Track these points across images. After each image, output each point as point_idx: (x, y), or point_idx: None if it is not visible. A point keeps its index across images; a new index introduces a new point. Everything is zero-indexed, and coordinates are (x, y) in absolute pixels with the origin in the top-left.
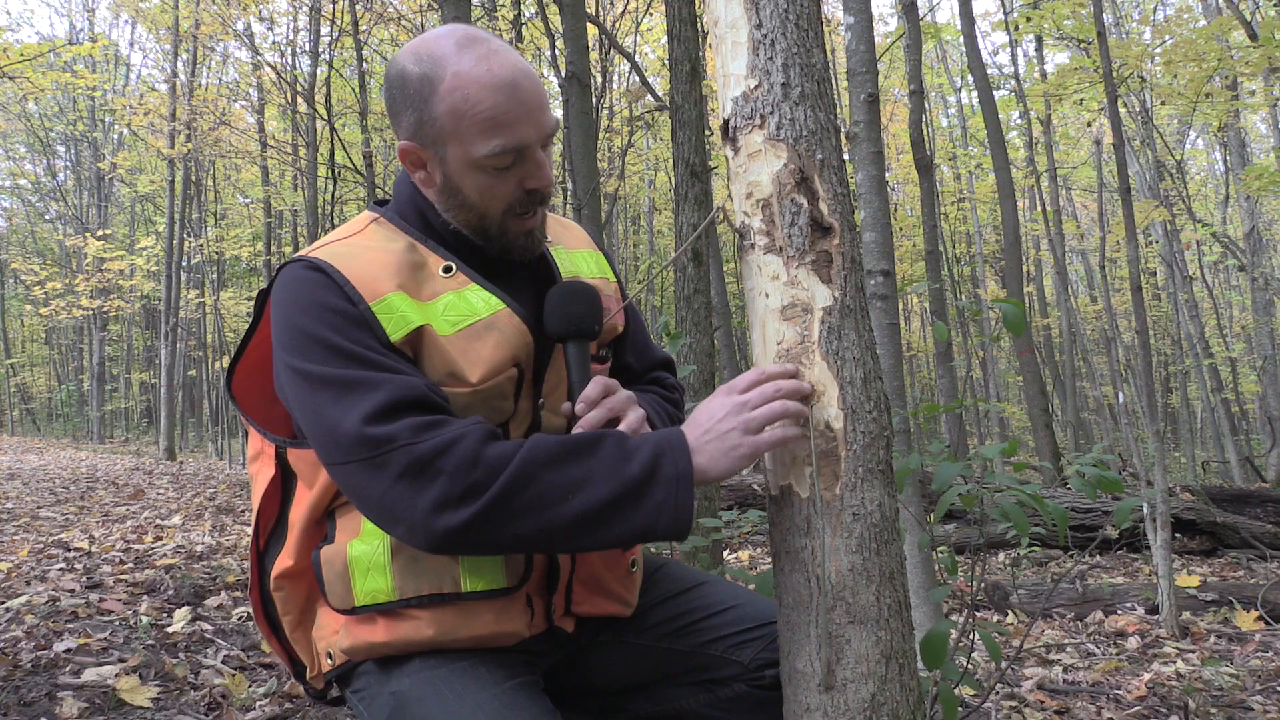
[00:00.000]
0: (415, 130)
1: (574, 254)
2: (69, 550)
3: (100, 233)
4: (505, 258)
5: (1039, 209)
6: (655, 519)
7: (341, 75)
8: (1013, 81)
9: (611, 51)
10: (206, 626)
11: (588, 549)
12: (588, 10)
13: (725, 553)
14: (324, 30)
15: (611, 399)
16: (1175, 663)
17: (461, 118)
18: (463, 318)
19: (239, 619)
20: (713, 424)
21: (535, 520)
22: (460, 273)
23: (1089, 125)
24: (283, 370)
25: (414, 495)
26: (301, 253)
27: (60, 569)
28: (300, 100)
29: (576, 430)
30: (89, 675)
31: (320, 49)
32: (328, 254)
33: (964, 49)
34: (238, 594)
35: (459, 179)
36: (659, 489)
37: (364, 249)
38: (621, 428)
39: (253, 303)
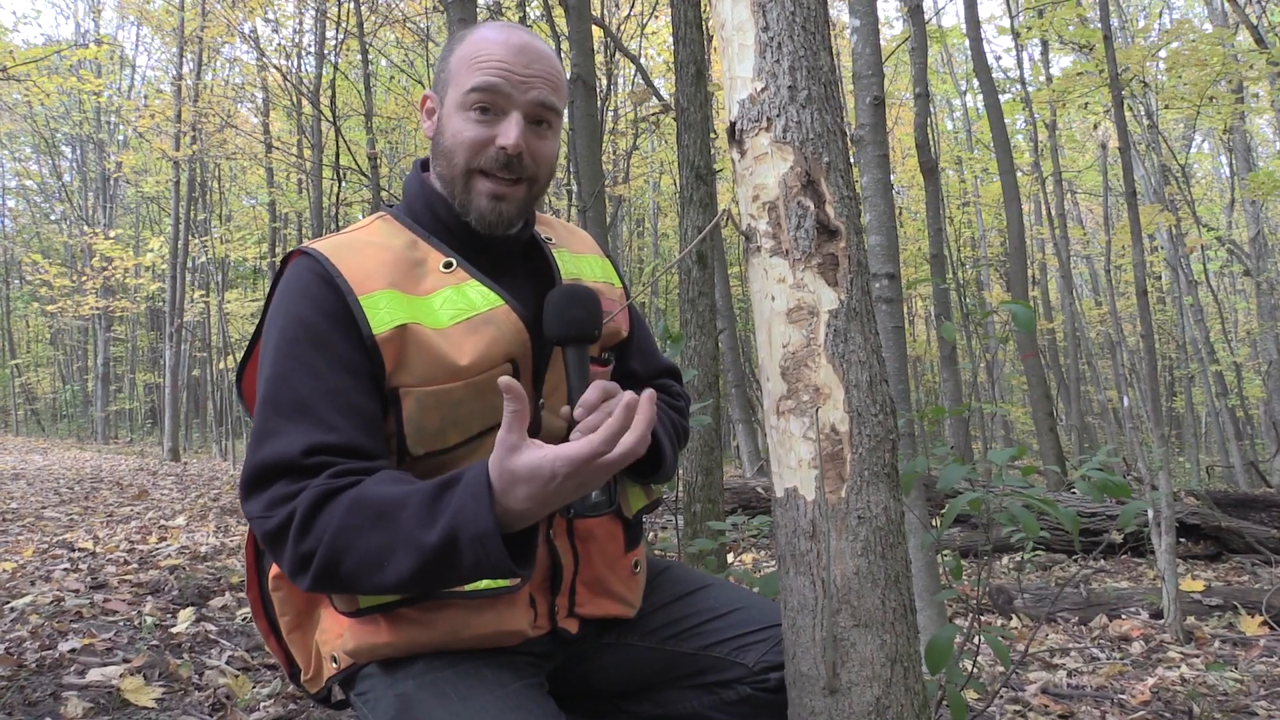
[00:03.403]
0: (436, 79)
1: (579, 258)
2: (73, 550)
3: (112, 234)
4: (464, 217)
5: (1044, 213)
6: (478, 573)
7: (347, 77)
8: (1018, 85)
9: (617, 54)
10: (211, 627)
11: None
12: (593, 13)
13: (730, 556)
14: (329, 32)
15: (610, 403)
16: (1180, 667)
17: (466, 61)
18: (460, 311)
19: (243, 620)
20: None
21: (366, 583)
22: (460, 269)
23: (1095, 128)
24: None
25: (277, 560)
26: (308, 244)
27: (65, 569)
28: (305, 102)
29: (574, 435)
30: (93, 675)
31: (325, 51)
32: (327, 246)
33: (969, 53)
34: (242, 595)
35: (445, 121)
36: (466, 551)
37: (363, 244)
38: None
39: (257, 304)
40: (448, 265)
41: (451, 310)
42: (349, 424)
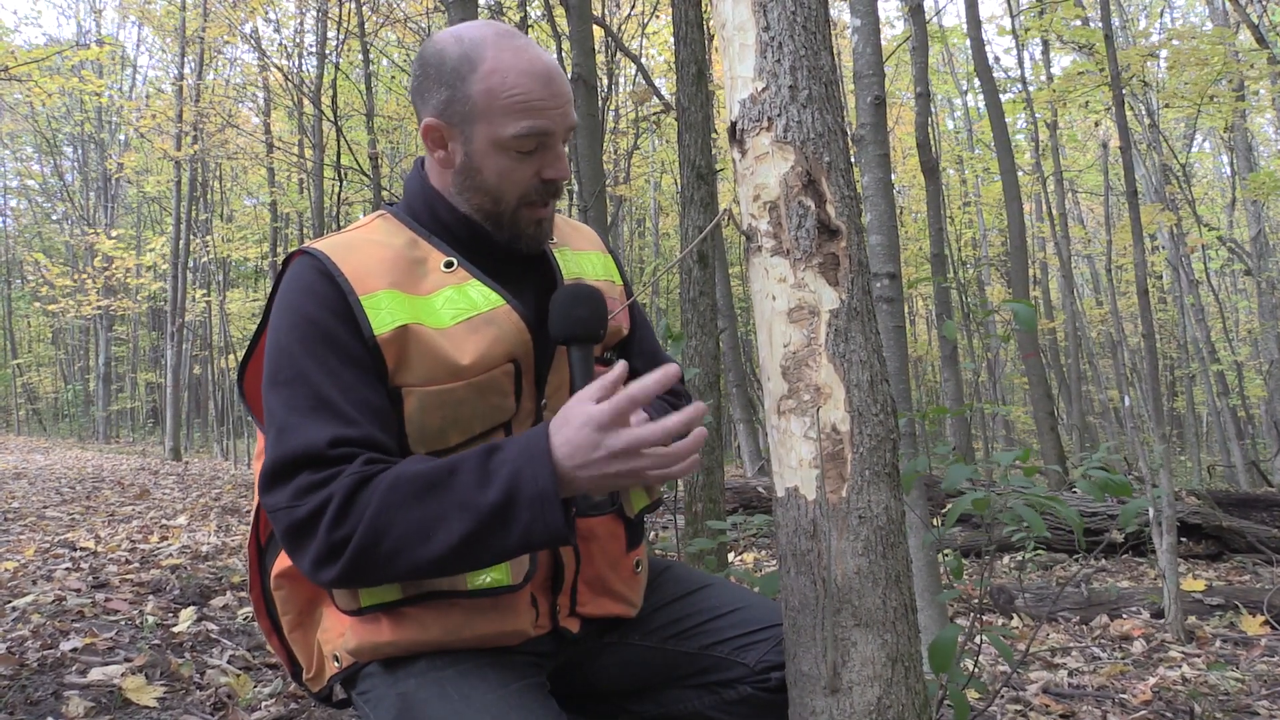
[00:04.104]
0: (444, 108)
1: (581, 255)
2: (75, 550)
3: (115, 233)
4: (513, 246)
5: (1045, 212)
6: (528, 537)
7: (348, 77)
8: (1019, 85)
9: (618, 54)
10: (212, 626)
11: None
12: (594, 13)
13: (731, 555)
14: (330, 32)
15: None
16: (1181, 667)
17: (496, 97)
18: (461, 311)
19: (244, 619)
20: (592, 458)
21: (404, 561)
22: (461, 269)
23: (1096, 125)
24: (264, 372)
25: (298, 553)
26: (309, 244)
27: (66, 568)
28: (306, 102)
29: None
30: (95, 674)
31: (327, 51)
32: (328, 245)
33: (970, 52)
34: (243, 594)
35: (480, 160)
36: (523, 511)
37: (364, 243)
38: None
39: (259, 303)
40: (449, 265)
41: (453, 310)
42: (366, 419)
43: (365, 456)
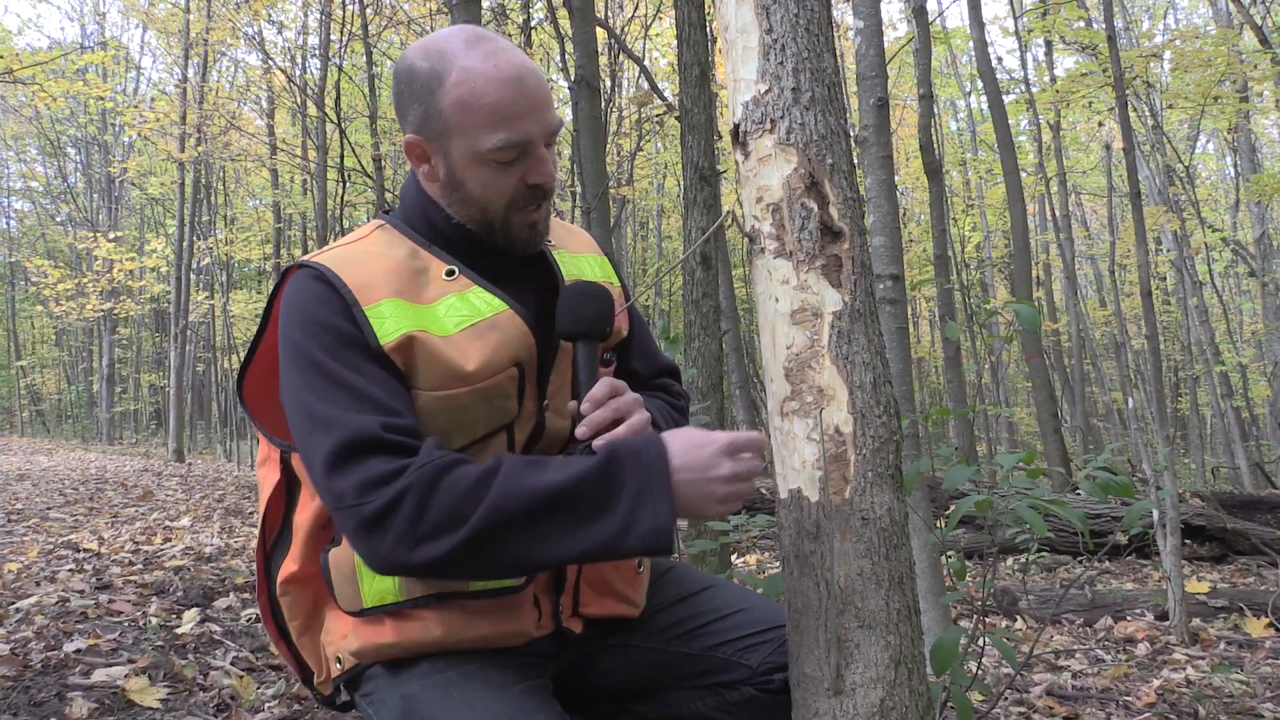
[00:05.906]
0: (421, 124)
1: (578, 258)
2: (78, 551)
3: (112, 235)
4: (509, 251)
5: (1049, 214)
6: (634, 554)
7: (351, 79)
8: (1022, 86)
9: (621, 56)
10: (215, 628)
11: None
12: (597, 15)
13: (733, 557)
14: (334, 34)
15: (617, 400)
16: (1185, 669)
17: (467, 110)
18: (465, 318)
19: (248, 620)
20: (704, 482)
21: (500, 564)
22: (463, 276)
23: (1100, 126)
24: (282, 382)
25: (368, 548)
26: (307, 257)
27: (70, 570)
28: (310, 104)
29: (581, 429)
30: (98, 676)
31: (330, 53)
32: (329, 259)
33: (973, 54)
34: (246, 595)
35: (462, 173)
36: (635, 541)
37: (365, 254)
38: (623, 430)
39: (262, 305)
40: (450, 274)
41: (457, 317)
42: (404, 408)
43: (433, 442)
